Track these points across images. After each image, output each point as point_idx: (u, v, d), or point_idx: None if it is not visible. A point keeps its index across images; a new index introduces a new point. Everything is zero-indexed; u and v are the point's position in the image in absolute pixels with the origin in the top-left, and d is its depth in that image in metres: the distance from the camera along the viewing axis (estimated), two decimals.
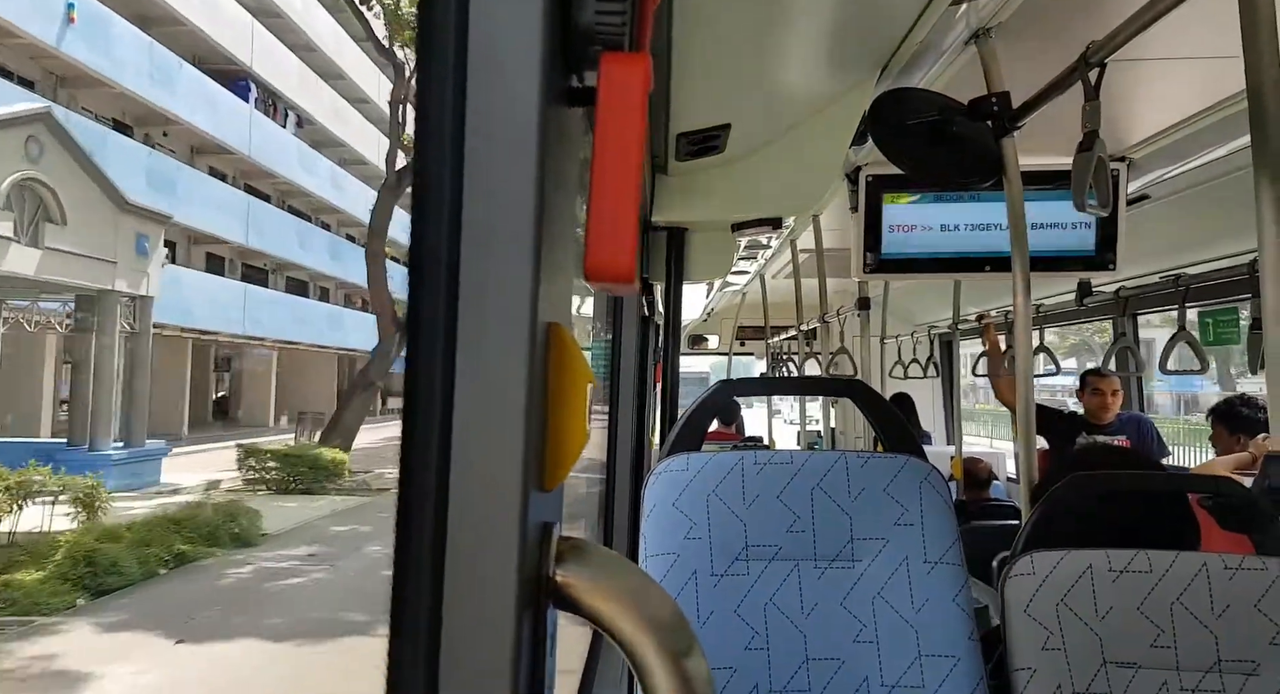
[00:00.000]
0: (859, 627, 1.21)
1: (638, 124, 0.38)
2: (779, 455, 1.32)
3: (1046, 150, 2.11)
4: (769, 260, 4.75)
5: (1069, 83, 1.42)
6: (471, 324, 0.34)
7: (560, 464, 0.39)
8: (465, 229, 0.34)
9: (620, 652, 0.42)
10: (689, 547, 1.25)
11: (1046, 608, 1.14)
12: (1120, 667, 1.11)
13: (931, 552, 1.23)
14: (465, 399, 0.34)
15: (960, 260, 2.43)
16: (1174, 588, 1.12)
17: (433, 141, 0.34)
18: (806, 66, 1.55)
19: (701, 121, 1.67)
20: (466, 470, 0.34)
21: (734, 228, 2.55)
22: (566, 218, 0.42)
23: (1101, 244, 2.35)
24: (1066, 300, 3.43)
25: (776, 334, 7.58)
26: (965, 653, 1.19)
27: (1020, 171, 1.64)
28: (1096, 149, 1.39)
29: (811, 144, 1.85)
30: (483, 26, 0.34)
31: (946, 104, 1.64)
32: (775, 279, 5.29)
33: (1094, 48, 1.34)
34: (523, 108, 0.34)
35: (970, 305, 4.26)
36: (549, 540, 0.40)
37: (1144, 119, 2.11)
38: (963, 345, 4.89)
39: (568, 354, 0.39)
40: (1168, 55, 1.67)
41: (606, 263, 0.38)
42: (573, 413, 0.39)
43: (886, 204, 2.41)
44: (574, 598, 0.41)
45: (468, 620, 0.34)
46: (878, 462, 1.30)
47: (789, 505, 1.27)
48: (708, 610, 1.22)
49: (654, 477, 1.33)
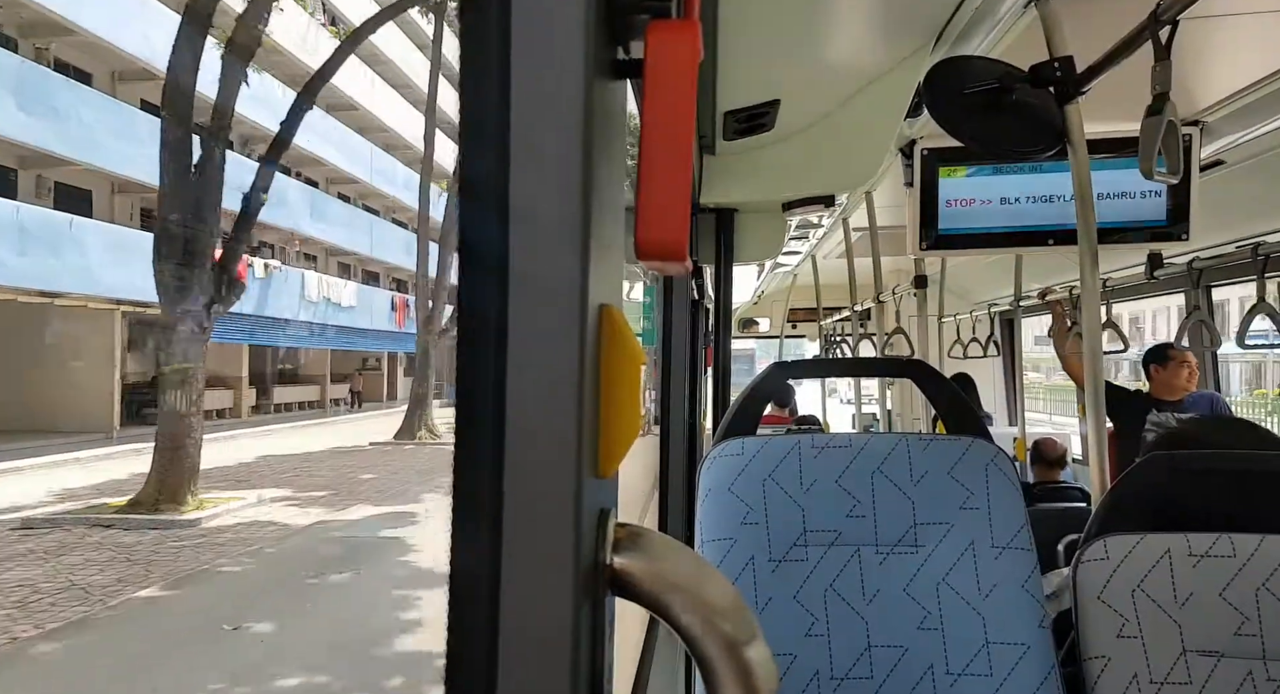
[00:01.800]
0: (923, 613, 1.19)
1: (688, 94, 0.36)
2: (837, 438, 1.29)
3: (1113, 116, 2.02)
4: (821, 240, 4.67)
5: (1138, 43, 1.35)
6: (522, 307, 0.33)
7: (615, 449, 0.38)
8: (513, 209, 0.33)
9: (679, 640, 0.41)
10: (746, 532, 1.24)
11: (1122, 594, 1.10)
12: (1202, 655, 1.06)
13: (1000, 536, 1.20)
14: (518, 385, 0.33)
15: (1022, 234, 2.35)
16: (1260, 573, 1.07)
17: (478, 119, 0.33)
18: (858, 38, 1.51)
19: (749, 99, 1.63)
20: (521, 458, 0.33)
21: (784, 207, 2.51)
22: (615, 195, 0.41)
23: (1173, 213, 2.25)
24: (1136, 274, 3.30)
25: (829, 315, 7.47)
26: (1036, 640, 1.16)
27: (1086, 139, 1.58)
28: (1166, 112, 1.32)
29: (864, 118, 1.80)
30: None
31: (1006, 71, 1.57)
32: (827, 259, 5.21)
33: (1165, 4, 1.27)
34: (569, 80, 0.33)
35: (1033, 281, 4.14)
36: (606, 527, 0.39)
37: (1218, 80, 2.00)
38: (1024, 323, 4.75)
39: (620, 336, 0.38)
40: (1244, 10, 1.58)
41: (658, 240, 0.37)
42: (627, 397, 0.38)
43: (943, 178, 2.34)
44: (633, 586, 0.40)
45: (526, 610, 0.33)
46: (941, 444, 1.26)
47: (848, 490, 1.24)
48: (766, 597, 1.21)
49: (709, 461, 1.31)
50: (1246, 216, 2.70)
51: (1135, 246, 2.47)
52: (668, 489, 2.40)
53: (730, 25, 1.25)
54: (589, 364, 0.34)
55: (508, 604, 0.33)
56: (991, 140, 1.59)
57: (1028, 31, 1.54)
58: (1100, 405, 1.66)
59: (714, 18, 1.21)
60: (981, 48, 1.62)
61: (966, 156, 2.30)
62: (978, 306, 5.37)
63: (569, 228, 0.33)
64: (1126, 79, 1.44)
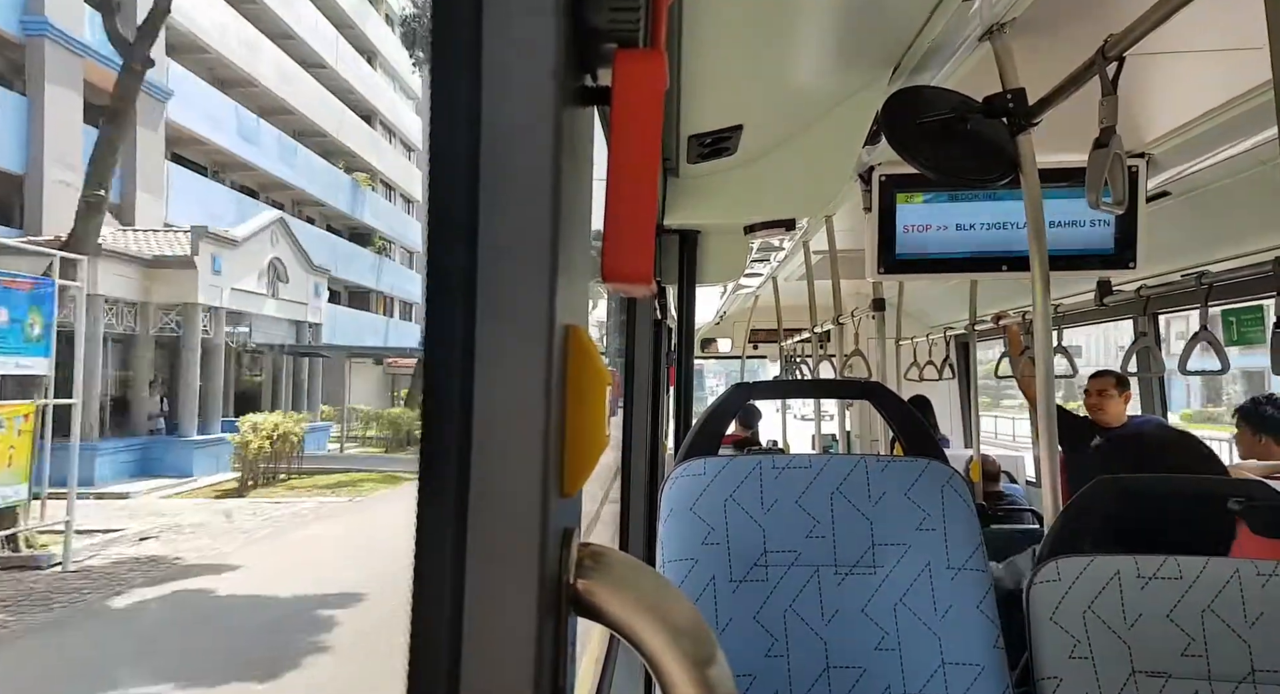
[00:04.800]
0: (880, 634, 1.20)
1: (654, 121, 0.37)
2: (797, 459, 1.30)
3: (1064, 147, 2.09)
4: (782, 262, 4.73)
5: (1086, 78, 1.41)
6: (489, 327, 0.33)
7: (581, 468, 0.38)
8: (481, 231, 0.33)
9: (640, 659, 0.41)
10: (707, 552, 1.24)
11: (1073, 615, 1.12)
12: (1150, 676, 1.09)
13: (955, 557, 1.21)
14: (484, 404, 0.33)
15: (976, 260, 2.41)
16: (1205, 595, 1.10)
17: (447, 141, 0.33)
18: (819, 66, 1.54)
19: (713, 123, 1.66)
20: (486, 476, 0.33)
21: (746, 230, 2.54)
22: (582, 218, 0.41)
23: (1120, 242, 2.32)
24: (1086, 300, 3.39)
25: (790, 337, 7.55)
26: (990, 662, 1.17)
27: (1038, 169, 1.63)
28: (1113, 145, 1.37)
29: (824, 144, 1.84)
30: (496, 22, 0.33)
31: (961, 101, 1.62)
32: (788, 281, 5.27)
33: (1112, 41, 1.32)
34: (538, 106, 0.34)
35: (987, 306, 4.23)
36: (570, 546, 0.39)
37: (1163, 114, 2.08)
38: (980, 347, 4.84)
39: (586, 356, 0.38)
40: (1188, 48, 1.65)
41: (624, 263, 0.37)
42: (592, 416, 0.38)
43: (900, 204, 2.39)
44: (596, 605, 0.40)
45: (488, 629, 0.33)
46: (898, 465, 1.28)
47: (808, 510, 1.25)
48: (726, 617, 1.21)
49: (671, 481, 1.31)
50: (1191, 246, 2.79)
51: (1085, 274, 2.54)
52: (629, 509, 2.39)
53: (695, 50, 1.27)
54: (555, 384, 0.35)
55: (471, 623, 0.33)
56: (946, 168, 1.63)
57: (982, 63, 1.59)
58: (1052, 428, 1.70)
59: (678, 43, 1.23)
60: (938, 78, 1.67)
61: (923, 183, 2.36)
62: (934, 330, 5.47)
63: (536, 250, 0.34)
64: (1077, 111, 1.49)
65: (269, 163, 21.05)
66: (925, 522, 1.23)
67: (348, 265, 24.47)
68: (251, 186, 21.63)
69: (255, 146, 20.38)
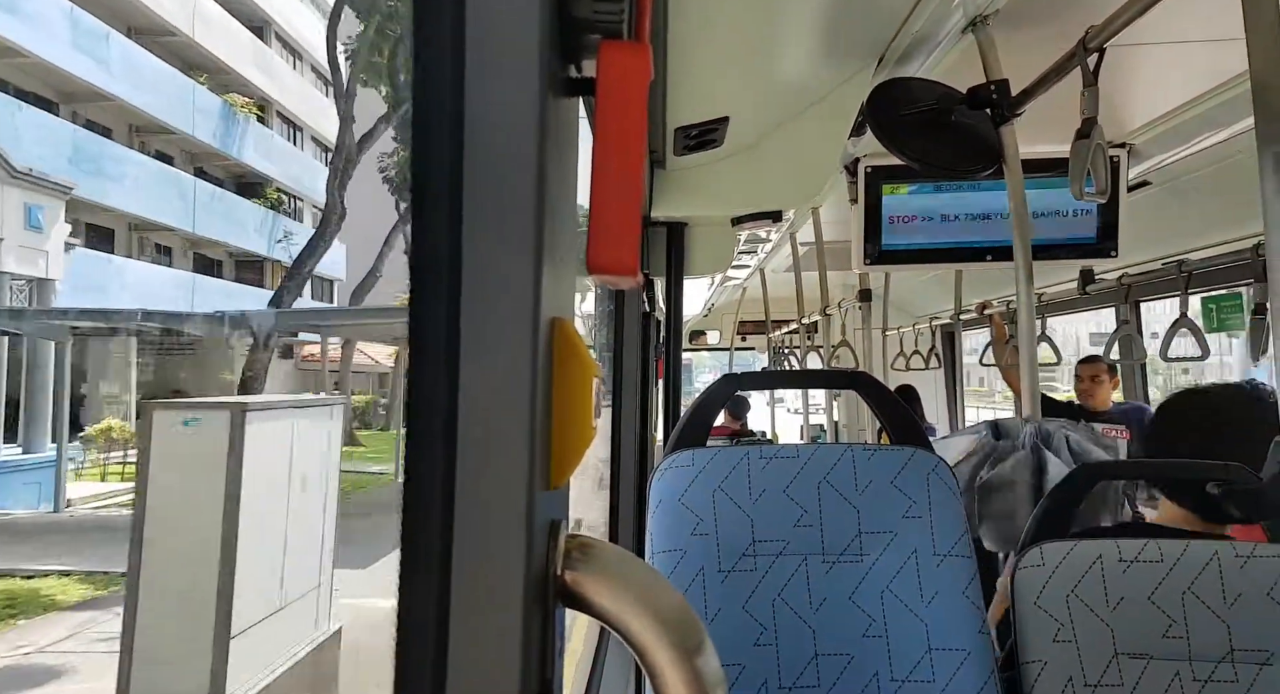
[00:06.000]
0: (868, 621, 1.21)
1: (639, 113, 0.37)
2: (785, 449, 1.31)
3: (1047, 138, 2.10)
4: (769, 254, 4.73)
5: (1067, 69, 1.41)
6: (474, 320, 0.33)
7: (567, 461, 0.38)
8: (466, 223, 0.33)
9: (629, 650, 0.41)
10: (696, 543, 1.25)
11: (1057, 599, 1.14)
12: (1132, 658, 1.10)
13: (941, 544, 1.23)
14: (469, 396, 0.33)
15: (961, 250, 2.42)
16: (1185, 577, 1.12)
17: (431, 133, 0.33)
18: (804, 58, 1.54)
19: (699, 115, 1.66)
20: (472, 469, 0.33)
21: (734, 222, 2.54)
22: (567, 210, 0.41)
23: (1103, 231, 2.34)
24: (1069, 289, 3.41)
25: (777, 328, 7.56)
26: (975, 646, 1.18)
27: (1020, 159, 1.64)
28: (1095, 136, 1.38)
29: (810, 136, 1.84)
30: (479, 13, 0.33)
31: (945, 93, 1.63)
32: (775, 273, 5.28)
33: (1093, 33, 1.33)
34: (522, 97, 0.34)
35: (972, 296, 4.25)
36: (557, 539, 0.39)
37: (1144, 104, 2.10)
38: (965, 336, 4.88)
39: (572, 349, 0.38)
40: (1168, 39, 1.66)
41: (609, 255, 0.37)
42: (579, 409, 0.38)
43: (886, 195, 2.40)
44: (583, 597, 0.40)
45: (475, 622, 0.34)
46: (884, 454, 1.29)
47: (796, 499, 1.26)
48: (715, 607, 1.22)
49: (659, 472, 1.32)
50: (1172, 235, 2.82)
51: (1068, 263, 2.56)
52: (618, 500, 2.40)
53: (681, 43, 1.27)
54: (541, 377, 0.35)
55: (458, 616, 0.33)
56: (931, 159, 1.64)
57: (965, 55, 1.60)
58: (1037, 415, 1.72)
59: (664, 35, 1.22)
60: (922, 70, 1.67)
61: (909, 175, 2.37)
62: (919, 320, 5.49)
63: (522, 242, 0.34)
64: (1059, 102, 1.50)
65: (59, 52, 13.00)
66: (911, 509, 1.24)
67: (225, 224, 17.28)
68: (37, 90, 13.45)
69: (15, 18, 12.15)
